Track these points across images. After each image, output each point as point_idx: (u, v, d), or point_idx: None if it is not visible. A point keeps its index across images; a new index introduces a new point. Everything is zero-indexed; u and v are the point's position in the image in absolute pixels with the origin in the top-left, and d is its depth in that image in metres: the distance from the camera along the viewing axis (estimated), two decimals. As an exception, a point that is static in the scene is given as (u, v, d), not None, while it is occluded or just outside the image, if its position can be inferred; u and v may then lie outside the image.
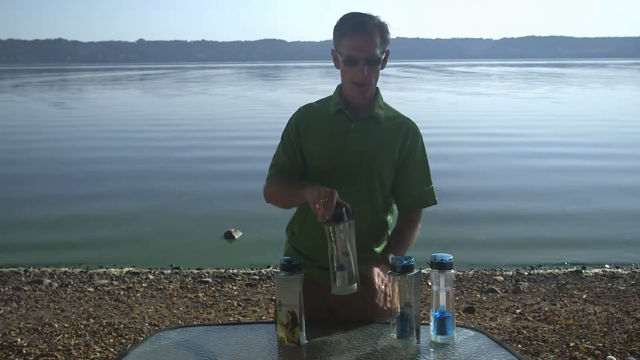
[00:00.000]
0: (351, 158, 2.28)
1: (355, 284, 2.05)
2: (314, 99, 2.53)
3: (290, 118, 2.42)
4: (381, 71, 2.33)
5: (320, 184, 2.28)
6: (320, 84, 47.47)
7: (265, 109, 26.15)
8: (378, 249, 2.37)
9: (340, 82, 2.37)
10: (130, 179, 11.75)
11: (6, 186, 11.24)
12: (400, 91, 36.34)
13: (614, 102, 29.30)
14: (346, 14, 2.29)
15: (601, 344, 4.32)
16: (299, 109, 2.43)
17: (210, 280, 6.22)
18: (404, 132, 2.35)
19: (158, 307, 5.36)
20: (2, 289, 5.92)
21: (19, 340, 4.54)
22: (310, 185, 2.18)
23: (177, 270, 6.69)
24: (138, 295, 5.75)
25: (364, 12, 2.28)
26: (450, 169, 11.68)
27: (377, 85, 2.38)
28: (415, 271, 2.01)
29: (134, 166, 13.04)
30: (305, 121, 2.37)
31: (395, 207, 2.45)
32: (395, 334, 2.03)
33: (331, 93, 2.43)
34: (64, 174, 12.32)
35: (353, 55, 2.23)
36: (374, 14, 2.27)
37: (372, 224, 2.36)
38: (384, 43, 2.26)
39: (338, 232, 2.03)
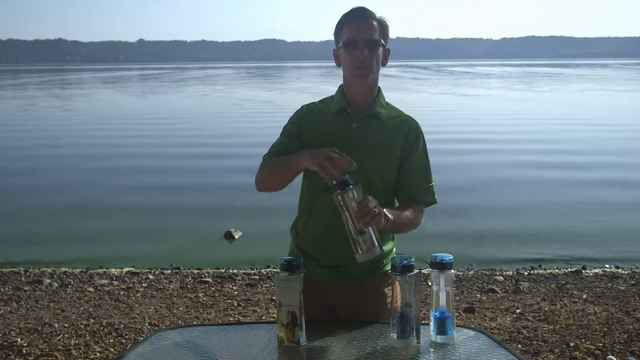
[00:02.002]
0: (352, 157, 2.28)
1: (378, 248, 2.06)
2: (314, 99, 2.52)
3: (292, 115, 2.42)
4: (382, 71, 2.34)
5: (319, 181, 2.30)
6: (321, 84, 47.40)
7: (265, 109, 26.15)
8: (384, 247, 2.37)
9: (342, 82, 2.38)
10: (130, 179, 11.75)
11: (6, 186, 11.24)
12: (400, 92, 36.32)
13: (613, 104, 29.26)
14: (346, 12, 2.32)
15: (601, 344, 4.32)
16: (301, 107, 2.44)
17: (210, 280, 6.22)
18: (406, 130, 2.35)
19: (158, 307, 5.36)
20: (2, 289, 5.92)
21: (19, 340, 4.54)
22: (305, 150, 2.17)
23: (177, 270, 6.69)
24: (138, 295, 5.75)
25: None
26: (449, 171, 11.68)
27: (379, 85, 2.38)
28: (415, 271, 2.01)
29: (134, 166, 13.04)
30: (306, 119, 2.37)
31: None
32: (395, 334, 2.03)
33: (331, 93, 2.44)
34: (64, 175, 12.32)
35: (352, 39, 2.25)
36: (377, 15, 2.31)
37: None
38: (383, 34, 2.29)
39: (348, 199, 2.03)
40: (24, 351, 4.34)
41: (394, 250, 2.46)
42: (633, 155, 13.98)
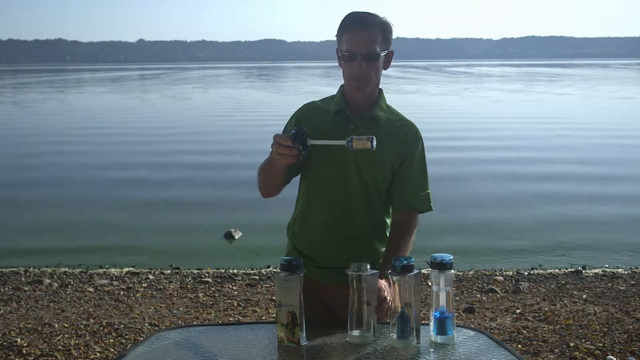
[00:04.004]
0: (347, 158, 2.28)
1: (372, 335, 2.07)
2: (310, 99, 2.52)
3: (292, 114, 2.42)
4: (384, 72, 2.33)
5: (316, 182, 2.29)
6: (321, 85, 47.38)
7: (266, 109, 26.14)
8: (381, 248, 2.37)
9: (343, 82, 2.38)
10: (130, 179, 11.74)
11: (6, 187, 11.24)
12: (400, 94, 36.31)
13: (611, 106, 29.25)
14: (350, 12, 2.29)
15: (601, 344, 4.32)
16: (302, 106, 2.44)
17: (210, 280, 6.22)
18: (404, 135, 2.34)
19: (158, 307, 5.36)
20: (2, 289, 5.92)
21: (19, 340, 4.54)
22: None
23: (177, 270, 6.69)
24: (138, 295, 5.75)
25: (368, 10, 2.28)
26: (449, 171, 11.68)
27: (381, 87, 2.38)
28: (415, 271, 2.01)
29: (133, 167, 13.04)
30: (305, 119, 2.36)
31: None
32: (395, 334, 2.03)
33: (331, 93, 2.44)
34: (63, 174, 12.32)
35: (351, 51, 2.23)
36: (380, 14, 2.28)
37: (370, 224, 2.37)
38: (385, 42, 2.26)
39: (363, 283, 2.04)
40: (24, 351, 4.34)
41: None
42: (631, 157, 13.99)
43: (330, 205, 2.34)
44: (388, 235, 2.42)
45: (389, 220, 2.42)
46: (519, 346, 4.34)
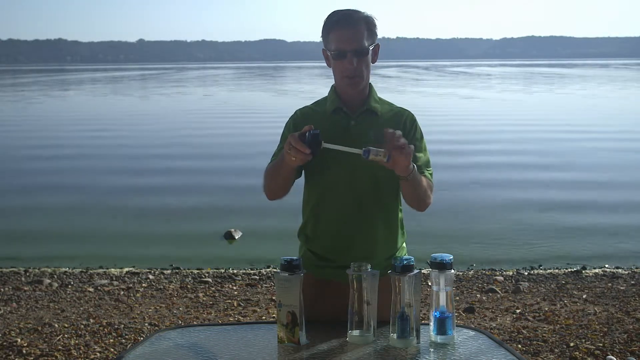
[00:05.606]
0: (355, 156, 2.28)
1: (372, 335, 2.07)
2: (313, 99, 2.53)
3: (287, 121, 2.43)
4: (381, 73, 2.33)
5: (326, 181, 2.30)
6: (321, 85, 47.41)
7: (264, 109, 26.13)
8: (396, 243, 2.38)
9: (334, 81, 2.39)
10: (130, 179, 11.75)
11: (5, 186, 11.24)
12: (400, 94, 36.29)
13: (610, 107, 29.24)
14: (332, 11, 2.32)
15: (601, 344, 4.32)
16: (295, 112, 2.44)
17: (210, 280, 6.22)
18: (402, 122, 2.38)
19: (158, 307, 5.36)
20: (2, 289, 5.92)
21: (19, 340, 4.54)
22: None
23: (177, 270, 6.69)
24: (138, 295, 5.75)
25: (349, 7, 2.31)
26: (449, 171, 11.69)
27: (370, 82, 2.40)
28: (415, 271, 2.01)
29: (134, 167, 13.04)
30: (303, 123, 2.34)
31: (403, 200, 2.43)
32: (395, 334, 2.03)
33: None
34: (63, 174, 12.32)
35: (341, 49, 2.26)
36: (361, 9, 2.30)
37: (383, 218, 2.38)
38: (371, 35, 2.29)
39: (362, 280, 2.05)
40: (24, 351, 4.34)
41: (404, 245, 2.46)
42: (629, 157, 14.01)
43: (342, 203, 2.35)
44: (402, 229, 2.44)
45: (400, 212, 2.44)
46: (519, 346, 4.34)
